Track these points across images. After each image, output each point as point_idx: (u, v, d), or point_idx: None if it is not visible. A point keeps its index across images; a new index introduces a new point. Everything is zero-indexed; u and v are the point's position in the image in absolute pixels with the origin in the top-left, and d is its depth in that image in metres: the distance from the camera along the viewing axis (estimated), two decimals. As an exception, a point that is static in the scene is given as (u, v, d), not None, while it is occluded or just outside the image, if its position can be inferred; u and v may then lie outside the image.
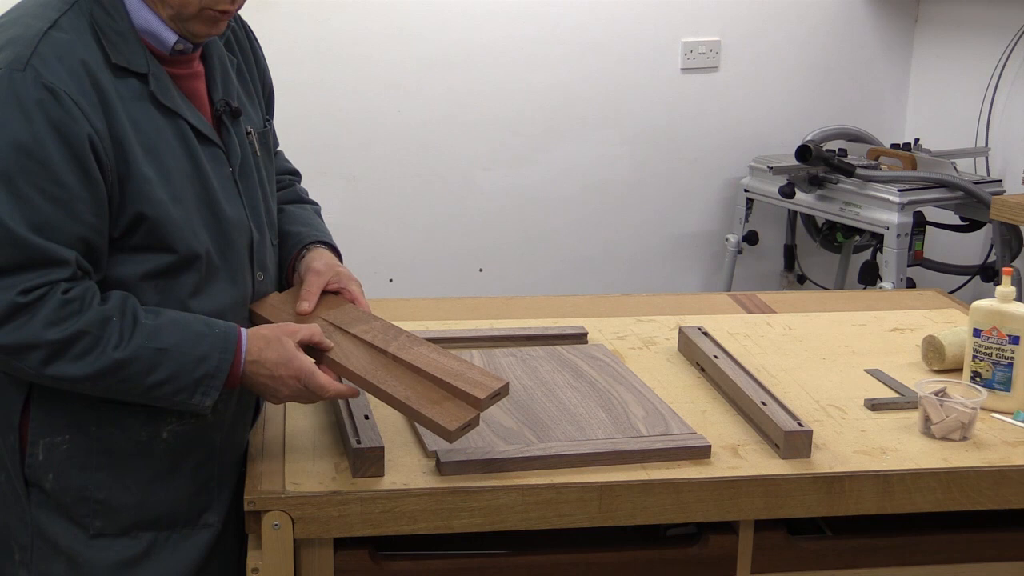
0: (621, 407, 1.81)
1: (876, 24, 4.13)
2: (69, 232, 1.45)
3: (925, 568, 1.73)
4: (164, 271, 1.55)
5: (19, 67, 1.43)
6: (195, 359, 1.50)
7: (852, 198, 3.56)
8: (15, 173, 1.41)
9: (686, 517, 1.63)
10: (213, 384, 1.51)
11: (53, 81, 1.43)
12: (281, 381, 1.55)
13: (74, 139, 1.43)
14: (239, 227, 1.63)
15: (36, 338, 1.43)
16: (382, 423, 1.73)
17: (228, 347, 1.53)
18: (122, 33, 1.52)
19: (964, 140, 3.87)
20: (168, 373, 1.49)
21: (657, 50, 3.92)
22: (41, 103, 1.42)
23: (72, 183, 1.44)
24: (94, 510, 1.58)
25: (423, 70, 3.72)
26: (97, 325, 1.45)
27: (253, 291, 1.68)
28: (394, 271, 3.81)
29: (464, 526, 1.58)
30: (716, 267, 4.14)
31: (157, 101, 1.54)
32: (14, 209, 1.41)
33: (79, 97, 1.45)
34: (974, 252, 3.82)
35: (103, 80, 1.48)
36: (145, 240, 1.52)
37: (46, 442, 1.57)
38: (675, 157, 4.02)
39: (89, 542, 1.59)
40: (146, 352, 1.47)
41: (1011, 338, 1.85)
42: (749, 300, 2.44)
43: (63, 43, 1.47)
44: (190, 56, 1.61)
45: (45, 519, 1.59)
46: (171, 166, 1.54)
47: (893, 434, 1.77)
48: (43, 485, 1.58)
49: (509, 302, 2.33)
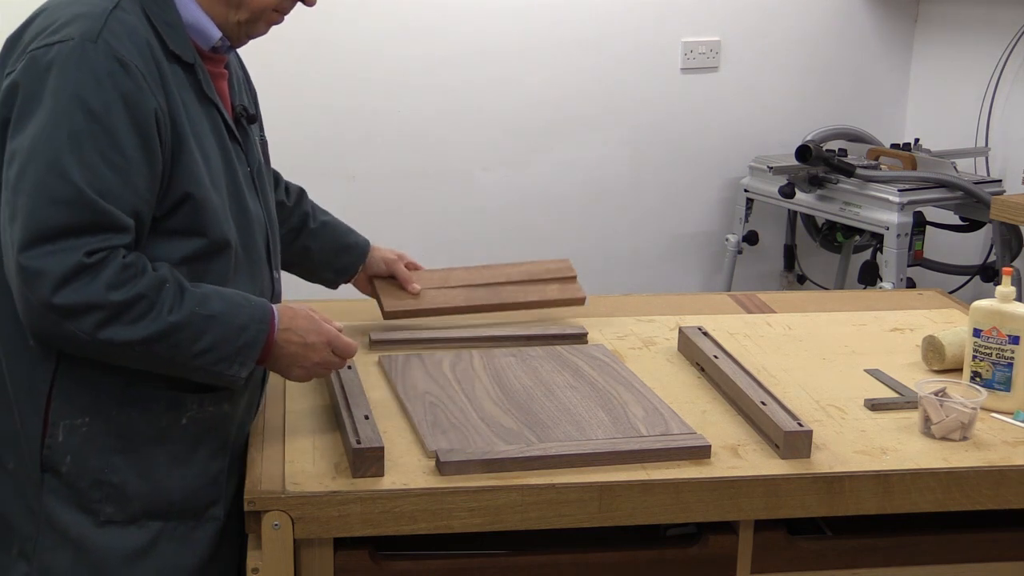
0: (621, 407, 1.81)
1: (876, 24, 4.13)
2: (128, 202, 1.49)
3: (925, 568, 1.73)
4: (199, 256, 1.58)
5: (91, 39, 1.48)
6: (237, 327, 1.54)
7: (852, 198, 3.56)
8: (84, 139, 1.46)
9: (686, 517, 1.63)
10: (251, 354, 1.56)
11: (124, 54, 1.49)
12: (312, 348, 1.62)
13: (140, 111, 1.49)
14: (259, 223, 1.69)
15: (99, 299, 1.45)
16: (382, 423, 1.73)
17: (265, 317, 1.58)
18: (172, 24, 1.58)
19: (964, 140, 3.87)
20: (213, 340, 1.52)
21: (657, 50, 3.92)
22: (112, 74, 1.47)
23: (133, 154, 1.48)
24: (107, 495, 1.59)
25: (423, 70, 3.72)
26: (154, 289, 1.48)
27: (273, 290, 1.74)
28: (394, 271, 3.81)
29: (464, 526, 1.58)
30: (716, 267, 4.14)
31: (201, 91, 1.61)
32: (82, 172, 1.45)
33: (147, 72, 1.51)
34: (974, 252, 3.82)
35: (162, 62, 1.55)
36: (183, 222, 1.56)
37: (66, 424, 1.57)
38: (675, 157, 4.02)
39: (98, 530, 1.59)
40: (196, 318, 1.51)
41: (1011, 338, 1.85)
42: (749, 300, 2.44)
43: (129, 23, 1.53)
44: (222, 57, 1.68)
45: (56, 507, 1.59)
46: (211, 155, 1.60)
47: (893, 434, 1.77)
48: (59, 469, 1.58)
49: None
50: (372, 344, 2.09)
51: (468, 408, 1.80)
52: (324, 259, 2.07)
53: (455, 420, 1.75)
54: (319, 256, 2.06)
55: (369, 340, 2.10)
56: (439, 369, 1.96)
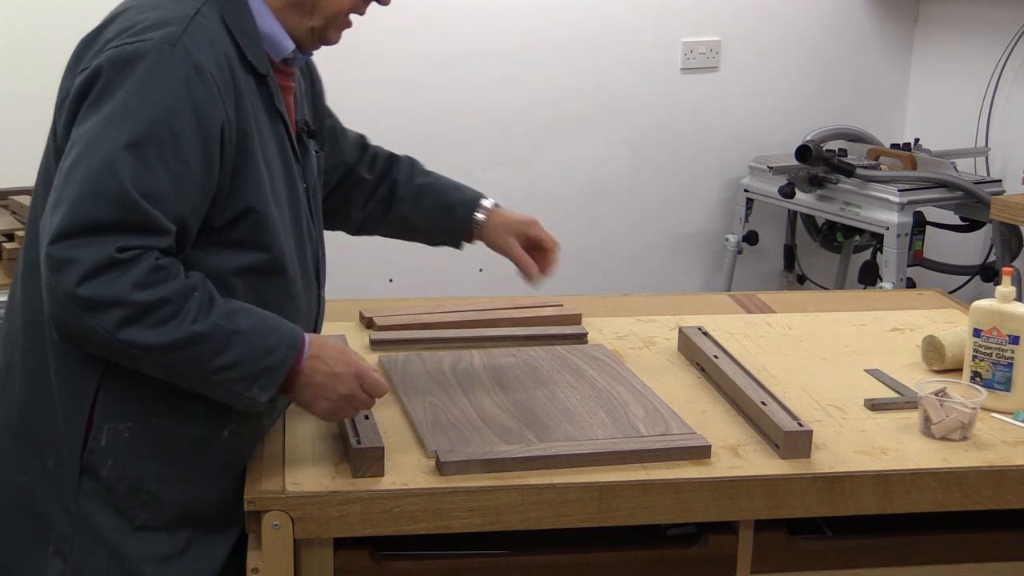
0: (621, 407, 1.81)
1: (876, 24, 4.13)
2: (175, 207, 1.47)
3: (925, 568, 1.73)
4: (256, 270, 1.57)
5: (171, 42, 1.48)
6: (264, 348, 1.50)
7: (852, 198, 3.57)
8: (146, 139, 1.45)
9: (686, 517, 1.63)
10: (274, 378, 1.51)
11: (201, 61, 1.48)
12: (340, 379, 1.56)
13: (208, 120, 1.48)
14: (311, 240, 1.69)
15: (123, 296, 1.42)
16: (382, 423, 1.73)
17: (295, 343, 1.53)
18: (249, 34, 1.58)
19: (964, 140, 3.87)
20: (236, 357, 1.48)
21: (657, 50, 3.92)
22: (187, 80, 1.47)
23: (193, 162, 1.47)
24: (143, 501, 1.58)
25: (422, 70, 3.72)
26: (181, 296, 1.46)
27: (319, 307, 1.73)
28: (394, 271, 3.81)
29: (464, 526, 1.58)
30: (716, 267, 4.14)
31: (271, 104, 1.60)
32: (135, 172, 1.44)
33: (221, 82, 1.50)
34: (974, 252, 3.82)
35: (237, 73, 1.54)
36: (244, 235, 1.55)
37: (110, 427, 1.56)
38: (675, 157, 4.02)
39: (132, 535, 1.59)
40: (220, 331, 1.47)
41: (1011, 338, 1.85)
42: (749, 300, 2.44)
43: (209, 30, 1.53)
44: (291, 70, 1.67)
45: (92, 509, 1.58)
46: (274, 169, 1.59)
47: (893, 434, 1.77)
48: (99, 472, 1.57)
49: (509, 302, 2.32)
50: (372, 344, 2.09)
51: (468, 408, 1.80)
52: (428, 224, 1.98)
53: (455, 420, 1.75)
54: (421, 222, 1.98)
55: (369, 340, 2.10)
56: (439, 369, 1.96)
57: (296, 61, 1.67)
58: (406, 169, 1.99)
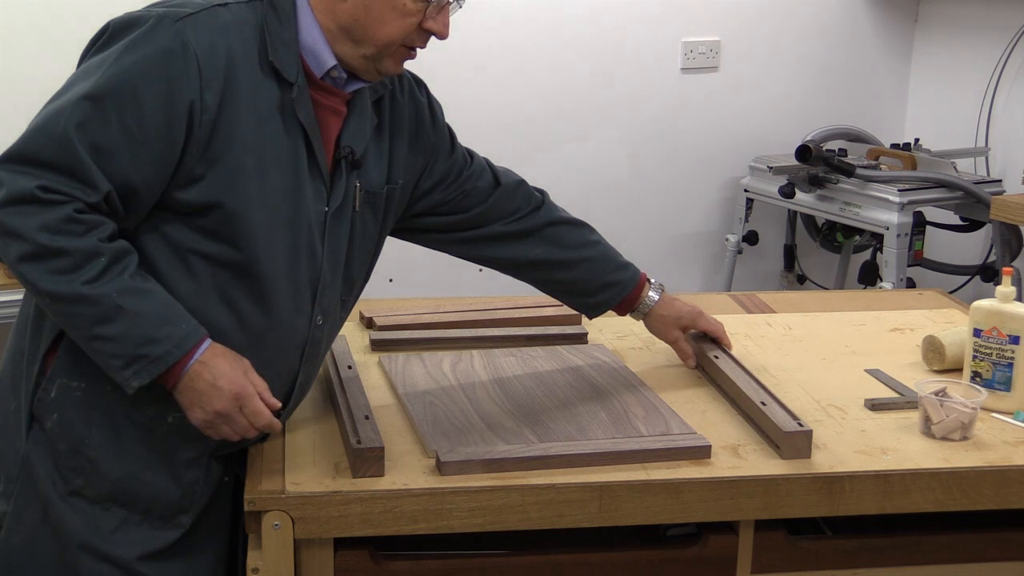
0: (621, 407, 1.81)
1: (876, 24, 4.13)
2: (120, 168, 1.48)
3: (925, 568, 1.73)
4: (222, 263, 1.56)
5: (173, 18, 1.50)
6: (147, 336, 1.49)
7: (852, 198, 3.56)
8: (109, 95, 1.47)
9: (686, 517, 1.63)
10: (148, 369, 1.50)
11: (191, 40, 1.49)
12: (219, 393, 1.53)
13: (177, 95, 1.48)
14: (313, 261, 1.64)
15: (28, 232, 1.45)
16: (382, 423, 1.73)
17: (183, 345, 1.51)
18: (286, 42, 1.57)
19: (964, 140, 3.87)
20: (115, 332, 1.48)
21: (657, 50, 3.92)
22: (169, 52, 1.48)
23: (151, 130, 1.48)
24: (81, 466, 1.60)
25: (423, 71, 3.71)
26: (83, 254, 1.47)
27: (309, 332, 1.68)
28: (394, 271, 3.80)
29: (464, 526, 1.58)
30: (716, 267, 4.14)
31: (291, 113, 1.58)
32: (86, 120, 1.46)
33: (205, 66, 1.50)
34: (974, 252, 3.82)
35: (241, 71, 1.53)
36: (214, 226, 1.55)
37: (62, 382, 1.59)
38: (675, 157, 4.02)
39: (64, 498, 1.60)
40: (108, 302, 1.47)
41: (1011, 338, 1.85)
42: (749, 300, 2.44)
43: (223, 21, 1.53)
44: (338, 91, 1.63)
45: (36, 457, 1.61)
46: (273, 176, 1.57)
47: (893, 434, 1.77)
48: (45, 423, 1.60)
49: (509, 302, 2.32)
50: (372, 344, 2.09)
51: (468, 408, 1.80)
52: (578, 290, 1.97)
53: (455, 420, 1.75)
54: (568, 287, 1.97)
55: (369, 340, 2.10)
56: (439, 369, 1.96)
57: (342, 82, 1.63)
58: (574, 236, 1.96)
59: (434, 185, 1.85)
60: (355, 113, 1.67)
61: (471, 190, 1.88)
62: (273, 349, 1.63)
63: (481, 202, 1.89)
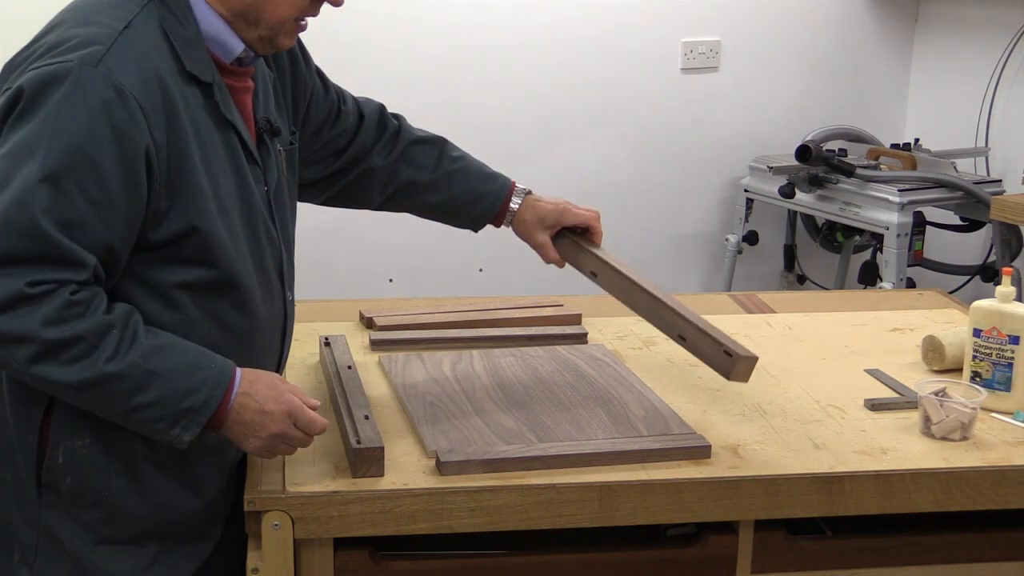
0: (621, 407, 1.81)
1: (876, 24, 4.13)
2: (97, 236, 1.42)
3: (925, 568, 1.73)
4: (204, 286, 1.53)
5: (92, 63, 1.41)
6: (185, 389, 1.46)
7: (852, 198, 3.56)
8: (64, 170, 1.39)
9: (686, 517, 1.63)
10: (196, 419, 1.47)
11: (123, 83, 1.42)
12: (270, 417, 1.51)
13: (130, 146, 1.42)
14: (272, 246, 1.64)
15: (32, 332, 1.39)
16: (382, 423, 1.73)
17: (220, 383, 1.49)
18: (191, 40, 1.52)
19: (964, 140, 3.87)
20: (154, 397, 1.44)
21: (657, 50, 3.92)
22: (107, 104, 1.41)
23: (116, 189, 1.42)
24: (106, 516, 1.56)
25: (421, 69, 3.72)
26: (96, 333, 1.42)
27: (285, 311, 1.69)
28: (394, 271, 3.81)
29: (464, 526, 1.58)
30: (716, 267, 4.14)
31: (217, 112, 1.54)
32: (51, 204, 1.39)
33: (146, 104, 1.44)
34: (974, 252, 3.82)
35: (172, 88, 1.48)
36: (189, 252, 1.51)
37: (67, 445, 1.54)
38: (675, 157, 4.02)
39: (96, 547, 1.57)
40: (137, 371, 1.43)
41: (1011, 338, 1.85)
42: (749, 300, 2.44)
43: (138, 46, 1.46)
44: (246, 69, 1.61)
45: (55, 521, 1.56)
46: (222, 182, 1.54)
47: (893, 434, 1.77)
48: (59, 488, 1.55)
49: (509, 302, 2.32)
50: (372, 344, 2.09)
51: (468, 408, 1.80)
52: (452, 209, 1.94)
53: (455, 420, 1.75)
54: (446, 207, 1.94)
55: (369, 340, 2.10)
56: (439, 369, 1.96)
57: (250, 60, 1.61)
58: (432, 155, 1.92)
59: (319, 127, 1.84)
60: (259, 82, 1.66)
61: (347, 128, 1.88)
62: (260, 343, 1.64)
63: (353, 137, 1.89)
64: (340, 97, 1.90)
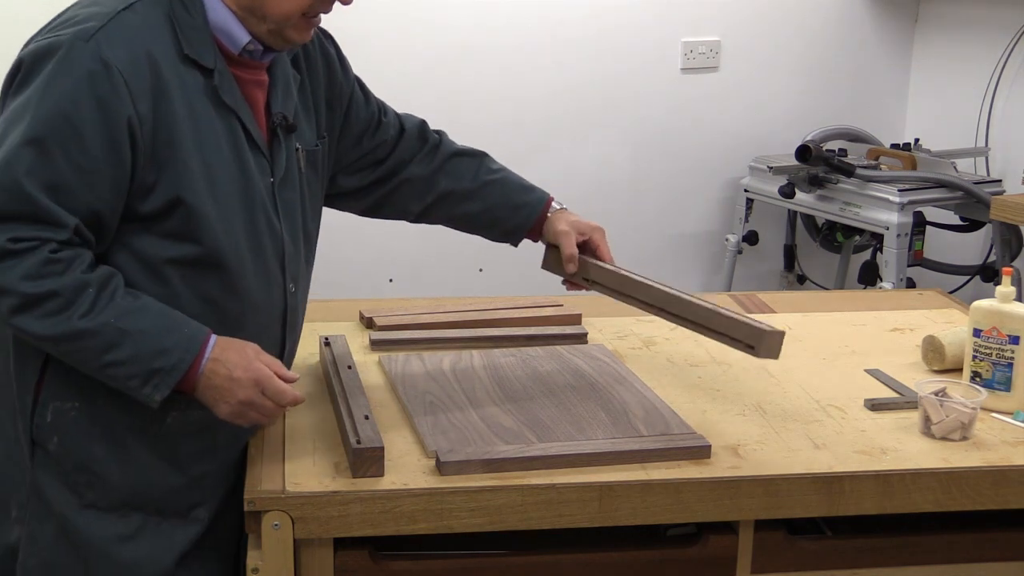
0: (621, 407, 1.81)
1: (876, 24, 4.13)
2: (80, 200, 1.49)
3: (925, 568, 1.73)
4: (190, 262, 1.58)
5: (84, 38, 1.49)
6: (156, 350, 1.52)
7: (852, 198, 3.56)
8: (46, 134, 1.47)
9: (686, 517, 1.63)
10: (166, 380, 1.53)
11: (110, 56, 1.49)
12: (238, 383, 1.55)
13: (113, 116, 1.49)
14: (273, 234, 1.67)
15: (12, 285, 1.47)
16: (382, 423, 1.73)
17: (192, 347, 1.54)
18: (195, 27, 1.58)
19: (964, 140, 3.87)
20: (126, 355, 1.51)
21: (657, 50, 3.92)
22: (92, 75, 1.48)
23: (99, 155, 1.49)
24: (89, 480, 1.62)
25: (422, 70, 3.72)
26: (71, 290, 1.48)
27: (285, 302, 1.72)
28: (394, 271, 3.81)
29: (464, 526, 1.58)
30: (716, 267, 4.14)
31: (217, 98, 1.59)
32: (34, 165, 1.47)
33: (131, 78, 1.50)
34: (974, 252, 3.82)
35: (165, 69, 1.54)
36: (176, 226, 1.56)
37: (55, 406, 1.60)
38: (675, 157, 4.02)
39: (81, 511, 1.62)
40: (109, 329, 1.50)
41: (1011, 338, 1.85)
42: (749, 300, 2.44)
43: (133, 26, 1.53)
44: (257, 63, 1.66)
45: (44, 479, 1.62)
46: (216, 163, 1.59)
47: (893, 434, 1.77)
48: (47, 447, 1.61)
49: (509, 302, 2.32)
50: (372, 344, 2.09)
51: (468, 408, 1.80)
52: (489, 221, 1.99)
53: (455, 420, 1.75)
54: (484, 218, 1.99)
55: (369, 340, 2.11)
56: (439, 369, 1.96)
57: (259, 54, 1.65)
58: (472, 167, 1.98)
59: (359, 136, 1.89)
60: (278, 79, 1.70)
61: (388, 139, 1.92)
62: (255, 328, 1.66)
63: (394, 148, 1.93)
64: (381, 109, 1.95)
